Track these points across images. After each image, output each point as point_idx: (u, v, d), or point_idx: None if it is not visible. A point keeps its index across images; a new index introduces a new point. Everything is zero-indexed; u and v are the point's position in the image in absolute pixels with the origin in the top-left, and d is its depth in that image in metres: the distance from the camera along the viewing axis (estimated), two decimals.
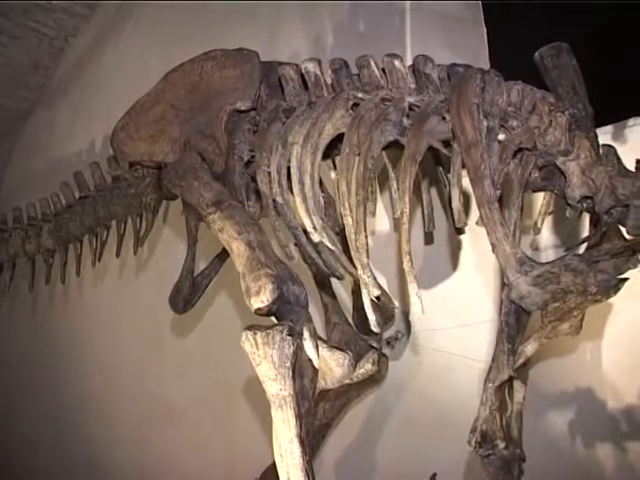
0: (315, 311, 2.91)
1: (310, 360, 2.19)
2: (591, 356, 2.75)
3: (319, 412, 2.94)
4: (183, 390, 4.18)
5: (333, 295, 2.86)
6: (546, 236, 2.75)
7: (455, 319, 3.00)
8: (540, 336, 2.29)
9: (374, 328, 2.25)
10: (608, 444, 2.70)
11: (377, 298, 2.22)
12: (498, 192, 2.04)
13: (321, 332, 2.71)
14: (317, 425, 2.95)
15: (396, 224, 2.97)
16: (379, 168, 2.79)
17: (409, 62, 3.15)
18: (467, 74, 2.19)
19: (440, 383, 2.99)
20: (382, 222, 3.12)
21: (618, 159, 2.04)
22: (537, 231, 2.43)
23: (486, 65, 3.25)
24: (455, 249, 3.04)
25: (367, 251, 2.18)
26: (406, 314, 3.13)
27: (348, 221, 2.20)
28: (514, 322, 2.10)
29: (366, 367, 2.46)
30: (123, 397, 4.64)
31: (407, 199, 2.14)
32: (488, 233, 2.03)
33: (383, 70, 2.39)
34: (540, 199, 2.33)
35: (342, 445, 3.29)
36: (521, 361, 2.33)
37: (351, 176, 2.21)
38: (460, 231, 2.63)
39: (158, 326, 4.24)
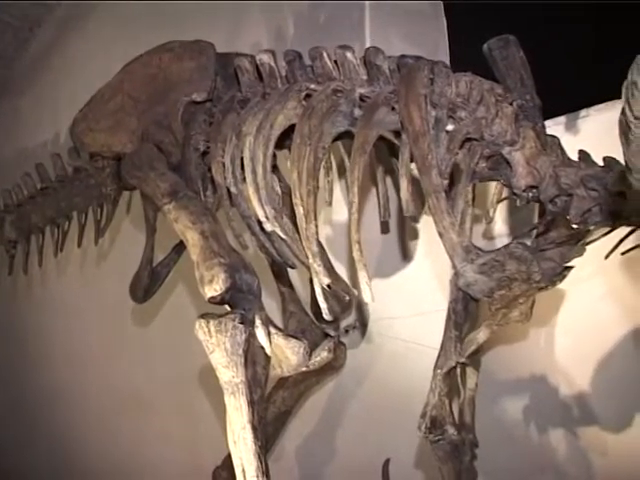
0: (273, 300, 2.95)
1: (262, 348, 2.22)
2: (544, 343, 2.79)
3: (278, 400, 2.99)
4: (148, 379, 4.20)
5: (290, 284, 2.89)
6: (500, 225, 2.78)
7: (412, 307, 3.03)
8: (491, 323, 2.33)
9: (325, 316, 2.28)
10: (560, 430, 2.75)
11: (328, 286, 2.25)
12: (445, 182, 2.08)
13: (278, 321, 2.74)
14: (277, 413, 3.00)
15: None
16: (338, 158, 2.82)
17: None
18: (415, 65, 2.22)
19: (397, 370, 3.02)
20: (341, 211, 3.15)
21: (562, 149, 2.08)
22: (489, 220, 2.46)
23: (446, 57, 3.27)
24: (412, 238, 3.07)
25: (317, 240, 2.21)
26: (364, 302, 3.16)
27: (299, 210, 2.22)
28: (462, 309, 2.14)
29: (322, 355, 2.48)
30: (89, 387, 4.65)
31: (356, 189, 2.17)
32: (435, 222, 2.07)
33: (335, 62, 2.41)
34: (493, 188, 2.36)
35: (303, 432, 3.32)
36: (473, 348, 2.37)
37: (302, 166, 2.23)
38: (415, 220, 2.66)
39: (121, 316, 4.25)
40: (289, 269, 2.69)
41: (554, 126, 2.74)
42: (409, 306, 3.07)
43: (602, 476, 2.68)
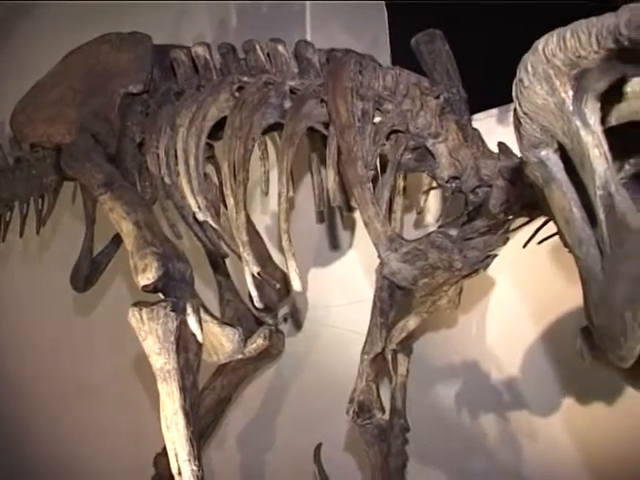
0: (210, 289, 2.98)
1: (194, 335, 2.25)
2: (476, 330, 2.85)
3: (217, 387, 3.03)
4: (92, 367, 4.21)
5: (226, 273, 2.93)
6: (435, 214, 2.84)
7: (349, 295, 3.08)
8: (420, 311, 2.40)
9: (256, 304, 2.34)
10: (492, 414, 2.82)
11: (259, 275, 2.29)
12: (371, 173, 2.12)
13: (216, 309, 2.78)
14: (216, 400, 3.04)
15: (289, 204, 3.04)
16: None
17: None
18: (342, 59, 2.26)
19: (334, 357, 3.08)
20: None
21: (483, 142, 2.14)
22: (420, 209, 2.52)
23: (386, 50, 3.32)
24: (348, 227, 3.12)
25: (246, 229, 2.26)
26: (303, 290, 3.21)
27: (230, 201, 2.27)
28: (387, 297, 2.19)
29: (257, 342, 2.50)
30: (31, 376, 4.64)
31: (285, 180, 2.22)
32: (360, 212, 2.12)
33: (268, 54, 2.45)
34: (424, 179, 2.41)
35: (244, 419, 3.37)
36: (403, 335, 2.44)
37: (233, 157, 2.27)
38: (349, 209, 2.71)
39: (64, 305, 4.26)
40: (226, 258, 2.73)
41: (487, 118, 2.81)
42: (345, 294, 3.12)
43: (531, 459, 2.76)
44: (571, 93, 1.11)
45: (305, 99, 2.30)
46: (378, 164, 2.21)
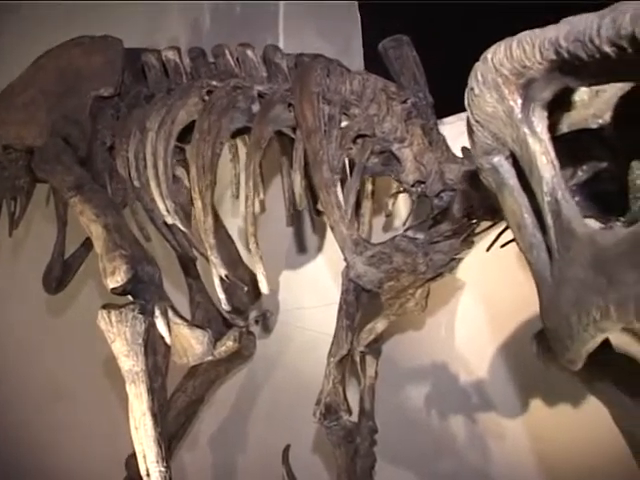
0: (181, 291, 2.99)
1: (162, 337, 2.28)
2: (445, 332, 2.87)
3: (189, 389, 3.05)
4: (65, 369, 4.21)
5: (197, 275, 2.94)
6: (402, 218, 2.86)
7: (320, 298, 3.10)
8: (388, 314, 2.42)
9: (224, 306, 2.36)
10: (460, 416, 2.84)
11: (227, 278, 2.32)
12: (337, 177, 2.14)
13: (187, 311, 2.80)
14: (188, 401, 3.06)
15: (261, 207, 3.07)
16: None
17: (280, 46, 3.25)
18: (310, 64, 2.29)
19: (306, 359, 3.09)
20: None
21: (447, 146, 2.16)
22: (388, 213, 2.55)
23: (360, 54, 3.33)
24: (320, 230, 3.14)
25: (214, 232, 2.27)
26: (275, 293, 3.23)
27: (198, 204, 2.29)
28: (353, 300, 2.21)
29: (227, 344, 2.53)
30: (6, 378, 4.64)
31: (252, 183, 2.25)
32: (327, 216, 2.14)
33: (237, 59, 2.47)
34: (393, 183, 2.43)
35: (216, 420, 3.38)
36: (372, 337, 2.47)
37: (200, 161, 2.29)
38: (319, 212, 2.73)
39: (37, 306, 4.26)
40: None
41: (458, 121, 2.82)
42: (317, 296, 3.13)
43: (499, 460, 2.78)
44: (520, 101, 1.14)
45: (273, 103, 2.33)
46: (348, 168, 2.24)
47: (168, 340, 2.29)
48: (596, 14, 0.93)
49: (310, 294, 3.18)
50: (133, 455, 2.90)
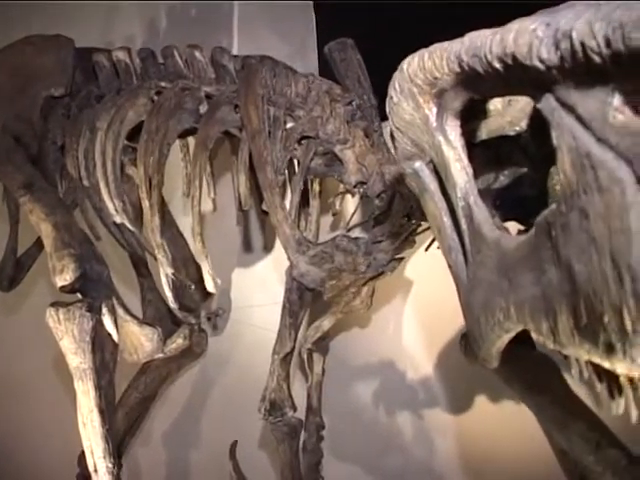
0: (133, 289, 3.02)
1: (110, 335, 2.30)
2: (393, 330, 2.92)
3: (141, 386, 3.06)
4: (18, 367, 4.21)
5: (148, 273, 2.96)
6: (355, 217, 2.90)
7: (271, 296, 3.13)
8: (335, 311, 2.47)
9: (171, 304, 2.39)
10: (406, 412, 2.89)
11: (174, 276, 2.35)
12: (281, 177, 2.19)
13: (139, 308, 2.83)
14: (140, 398, 3.07)
15: (213, 205, 3.10)
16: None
17: (235, 47, 3.28)
18: (256, 66, 2.32)
19: (257, 357, 3.08)
20: (210, 203, 3.23)
21: (387, 148, 2.20)
22: (335, 212, 2.58)
23: (314, 54, 3.36)
24: (271, 229, 3.17)
25: (160, 231, 2.30)
26: (227, 291, 3.26)
27: (145, 204, 2.31)
28: (296, 299, 2.25)
29: (177, 342, 2.56)
30: None
31: (197, 183, 2.28)
32: (270, 215, 2.18)
33: (186, 60, 2.49)
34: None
35: (170, 416, 3.40)
36: (318, 335, 2.52)
37: (148, 161, 2.32)
38: (265, 212, 2.77)
39: None
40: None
41: None
42: (268, 295, 3.16)
43: (443, 455, 2.84)
44: (434, 110, 1.18)
45: (219, 105, 2.36)
46: (297, 168, 2.28)
47: (115, 337, 2.31)
48: (491, 31, 0.97)
49: (261, 292, 3.21)
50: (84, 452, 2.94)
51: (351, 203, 2.76)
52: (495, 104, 1.29)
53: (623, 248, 0.78)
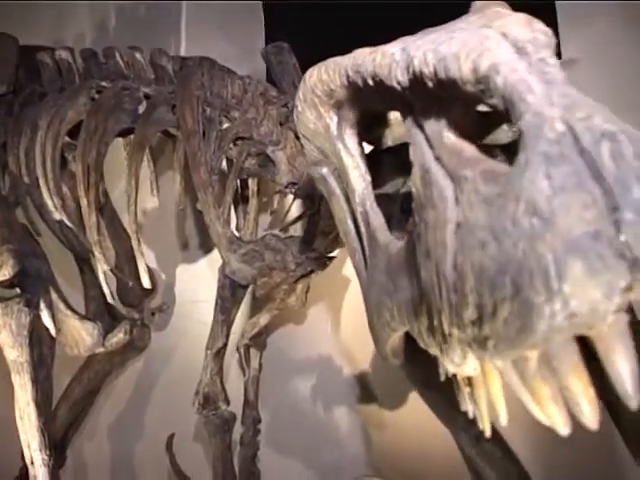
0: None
1: (48, 329, 2.35)
2: (331, 326, 2.98)
3: (84, 380, 3.10)
4: None
5: (90, 269, 2.99)
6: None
7: (214, 291, 3.18)
8: (271, 308, 2.54)
9: (109, 300, 2.43)
10: (344, 407, 2.96)
11: (111, 271, 2.39)
12: (215, 177, 2.24)
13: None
14: (83, 392, 3.11)
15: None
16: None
17: (183, 48, 3.33)
18: (193, 67, 2.38)
19: (200, 352, 3.14)
20: (153, 200, 3.27)
21: None
22: (272, 210, 2.65)
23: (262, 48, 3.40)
24: None
25: (98, 229, 2.34)
26: (171, 286, 3.30)
27: (83, 202, 2.35)
28: (229, 295, 2.32)
29: (118, 336, 2.59)
30: None
31: (134, 183, 2.32)
32: (204, 214, 2.23)
33: (127, 61, 2.54)
34: None
35: (115, 410, 3.43)
36: (255, 331, 2.58)
37: (86, 160, 2.36)
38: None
39: None
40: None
41: None
42: (212, 290, 3.19)
43: (379, 448, 2.90)
44: (335, 119, 1.25)
45: (157, 105, 2.41)
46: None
47: (53, 332, 2.35)
48: (370, 49, 1.04)
49: (205, 288, 3.24)
50: None
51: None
52: (395, 113, 1.35)
53: (441, 260, 0.86)
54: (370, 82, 1.03)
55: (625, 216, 0.70)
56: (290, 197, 2.54)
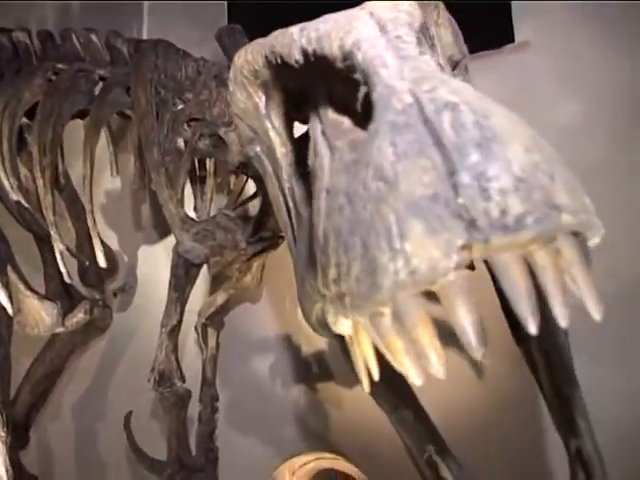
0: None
1: (5, 309, 2.37)
2: (289, 304, 3.02)
3: (47, 359, 3.12)
4: None
5: (51, 250, 3.01)
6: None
7: None
8: (227, 287, 2.58)
9: (66, 280, 2.45)
10: (302, 385, 3.00)
11: (68, 251, 2.42)
12: (168, 158, 2.27)
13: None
14: (46, 372, 3.13)
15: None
16: None
17: (146, 29, 3.35)
18: (147, 50, 2.40)
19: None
20: (115, 181, 3.30)
21: None
22: (228, 190, 2.68)
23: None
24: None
25: (54, 209, 2.36)
26: (133, 267, 3.34)
27: (39, 183, 2.37)
28: (182, 274, 2.35)
29: (78, 316, 2.60)
30: None
31: (89, 163, 2.35)
32: (157, 195, 2.27)
33: (83, 43, 2.56)
34: None
35: (78, 390, 3.45)
36: (212, 310, 2.61)
37: (42, 141, 2.38)
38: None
39: None
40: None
41: None
42: None
43: (337, 426, 2.95)
44: (264, 98, 1.29)
45: (111, 87, 2.44)
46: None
47: (10, 311, 2.38)
48: (281, 31, 1.09)
49: (167, 268, 3.28)
50: None
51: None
52: None
53: (316, 225, 0.96)
54: (279, 62, 1.07)
55: (462, 180, 0.78)
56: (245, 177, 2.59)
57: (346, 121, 0.95)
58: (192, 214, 2.77)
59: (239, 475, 2.84)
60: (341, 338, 1.09)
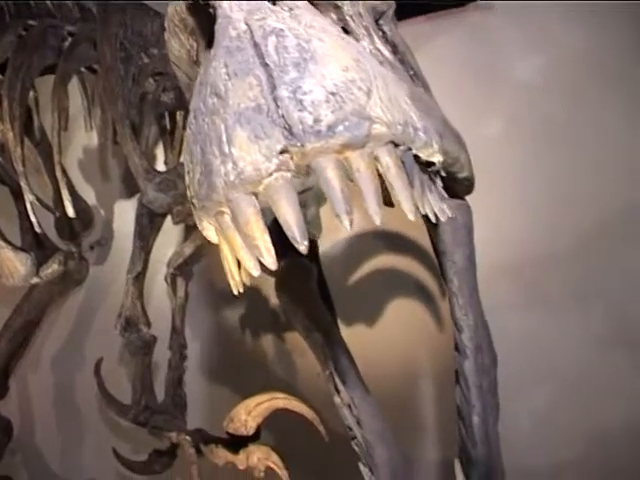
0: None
1: None
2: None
3: (24, 311, 3.20)
4: None
5: (24, 201, 3.09)
6: None
7: None
8: (195, 238, 2.65)
9: (36, 229, 2.52)
10: (270, 334, 3.09)
11: (38, 201, 2.49)
12: (133, 111, 2.35)
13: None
14: (23, 323, 3.19)
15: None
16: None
17: None
18: (113, 7, 2.47)
19: None
20: (92, 137, 3.37)
21: None
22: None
23: None
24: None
25: (23, 161, 2.43)
26: (110, 221, 3.42)
27: (9, 135, 2.44)
28: (147, 223, 2.44)
29: (53, 267, 2.67)
30: None
31: (57, 116, 2.42)
32: (122, 146, 2.35)
33: (55, 2, 2.63)
34: None
35: (57, 341, 3.55)
36: (181, 260, 2.69)
37: (12, 95, 2.45)
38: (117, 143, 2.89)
39: None
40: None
41: None
42: None
43: (302, 373, 3.04)
44: (194, 45, 1.38)
45: (78, 42, 2.51)
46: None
47: None
48: None
49: None
50: None
51: None
52: None
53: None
54: (198, 8, 1.16)
55: (281, 94, 0.94)
56: None
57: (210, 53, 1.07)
58: (163, 167, 2.86)
59: (207, 419, 2.92)
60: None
